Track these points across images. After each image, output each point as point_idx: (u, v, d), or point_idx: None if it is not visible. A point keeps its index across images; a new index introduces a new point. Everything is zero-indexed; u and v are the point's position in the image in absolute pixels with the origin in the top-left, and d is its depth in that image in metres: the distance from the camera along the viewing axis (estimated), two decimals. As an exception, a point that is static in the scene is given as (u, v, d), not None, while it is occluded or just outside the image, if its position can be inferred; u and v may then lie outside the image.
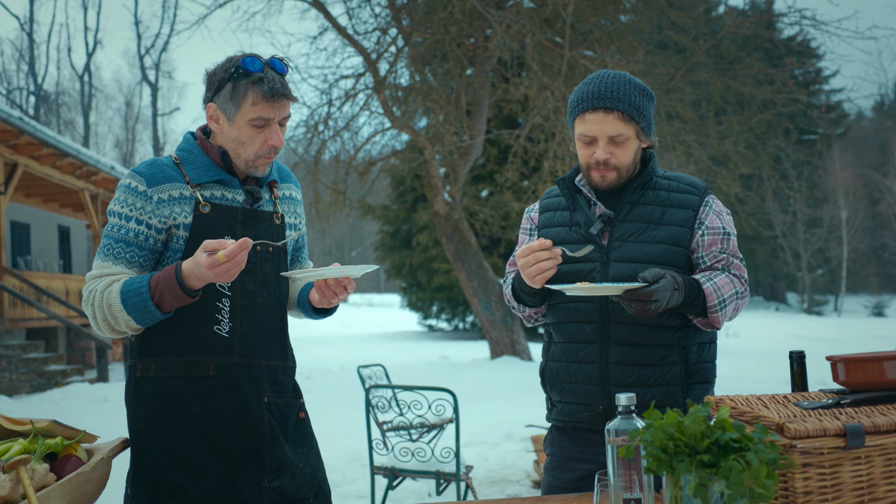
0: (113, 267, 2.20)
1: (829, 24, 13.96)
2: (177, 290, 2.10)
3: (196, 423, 2.20)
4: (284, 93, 2.21)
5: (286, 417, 2.33)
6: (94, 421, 9.28)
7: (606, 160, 2.30)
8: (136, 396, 2.24)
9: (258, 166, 2.27)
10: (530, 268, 2.22)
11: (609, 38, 14.01)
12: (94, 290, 2.18)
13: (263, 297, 2.30)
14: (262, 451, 2.25)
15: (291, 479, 2.29)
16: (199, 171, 2.26)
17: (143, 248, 2.21)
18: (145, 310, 2.12)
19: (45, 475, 1.78)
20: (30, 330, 16.09)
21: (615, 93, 2.27)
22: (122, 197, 2.22)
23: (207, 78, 2.27)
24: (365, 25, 14.70)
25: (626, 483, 1.60)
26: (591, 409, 2.35)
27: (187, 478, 2.18)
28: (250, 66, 2.18)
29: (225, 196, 2.28)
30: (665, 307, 2.17)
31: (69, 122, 46.64)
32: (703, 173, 14.89)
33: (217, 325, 2.23)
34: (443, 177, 14.95)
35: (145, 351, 2.24)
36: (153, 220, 2.20)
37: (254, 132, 2.22)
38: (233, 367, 2.23)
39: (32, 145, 14.62)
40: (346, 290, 2.30)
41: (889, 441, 1.52)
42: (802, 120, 27.98)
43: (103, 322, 2.18)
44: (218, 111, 2.24)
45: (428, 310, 28.91)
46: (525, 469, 6.65)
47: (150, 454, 2.20)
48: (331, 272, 2.19)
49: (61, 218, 22.43)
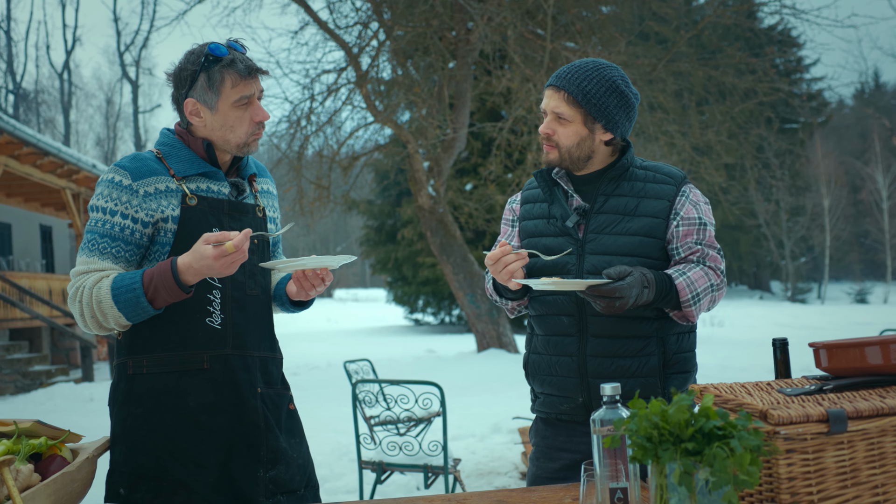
0: (99, 262, 2.17)
1: (809, 12, 14.05)
2: (172, 285, 2.09)
3: (194, 417, 2.19)
4: (257, 68, 2.25)
5: (278, 408, 2.34)
6: (79, 421, 9.23)
7: (548, 135, 2.35)
8: (129, 394, 2.22)
9: (250, 144, 2.29)
10: (500, 273, 2.23)
11: (591, 29, 14.01)
12: (83, 287, 2.15)
13: (252, 288, 2.31)
14: (257, 442, 2.25)
15: (286, 470, 2.30)
16: (183, 164, 2.26)
17: (130, 243, 2.19)
18: (137, 306, 2.10)
19: (30, 475, 1.77)
20: (13, 330, 15.97)
21: (572, 76, 2.31)
22: (105, 192, 2.19)
23: (174, 76, 2.27)
24: (346, 19, 14.66)
25: (612, 472, 1.61)
26: (572, 402, 2.36)
27: (189, 472, 2.17)
28: (218, 52, 2.20)
29: (210, 188, 2.28)
30: (634, 304, 2.17)
31: (49, 120, 46.26)
32: (686, 163, 14.93)
33: (209, 317, 2.22)
34: (427, 170, 14.93)
35: (136, 347, 2.22)
36: (140, 213, 2.18)
37: (240, 113, 2.24)
38: (226, 359, 2.23)
39: (12, 144, 14.49)
40: (324, 281, 2.31)
41: (871, 426, 1.54)
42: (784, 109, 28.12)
43: (91, 319, 2.15)
44: (198, 104, 2.24)
45: (414, 304, 28.92)
46: (513, 461, 6.67)
47: (149, 451, 2.18)
48: (310, 262, 2.19)
49: (43, 217, 22.26)
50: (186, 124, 2.31)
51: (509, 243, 2.30)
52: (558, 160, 2.37)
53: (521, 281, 2.19)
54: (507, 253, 2.22)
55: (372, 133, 17.46)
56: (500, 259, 2.23)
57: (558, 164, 2.37)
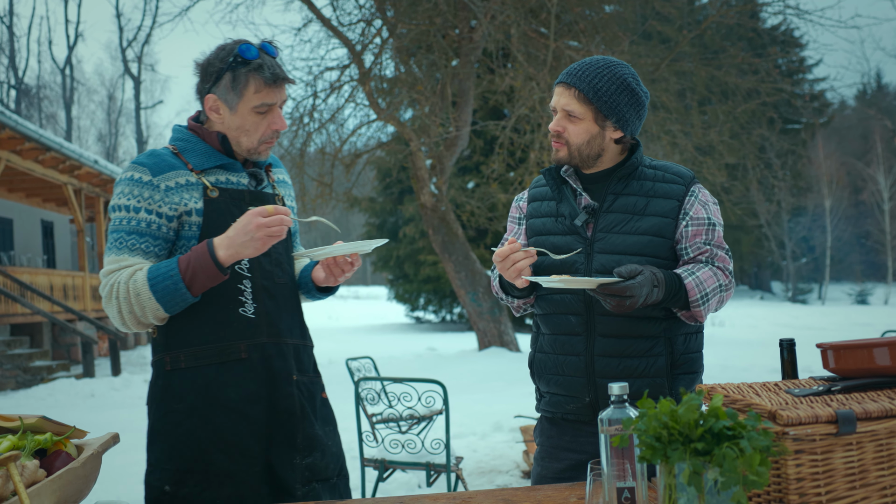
0: (129, 259, 2.17)
1: (812, 13, 14.04)
2: (210, 265, 2.09)
3: (236, 407, 2.20)
4: (284, 77, 2.23)
5: (313, 396, 2.35)
6: (81, 417, 9.24)
7: (558, 132, 2.34)
8: (168, 390, 2.22)
9: (261, 152, 2.29)
10: (507, 270, 2.23)
11: (594, 28, 13.99)
12: (117, 283, 2.14)
13: (280, 276, 2.32)
14: (293, 430, 2.26)
15: (322, 457, 2.31)
16: (200, 158, 2.26)
17: (157, 238, 2.19)
18: (176, 293, 2.11)
19: (35, 471, 1.76)
20: (14, 326, 15.97)
21: (582, 73, 2.30)
22: (126, 190, 2.19)
23: (201, 69, 2.25)
24: (349, 17, 14.64)
25: (619, 472, 1.61)
26: (578, 401, 2.35)
27: (235, 463, 2.18)
28: (247, 54, 2.18)
29: (230, 180, 2.28)
30: (643, 303, 2.16)
31: (51, 115, 46.27)
32: (689, 163, 14.92)
33: (241, 307, 2.23)
34: (429, 168, 14.92)
35: (172, 343, 2.22)
36: (163, 208, 2.18)
37: (257, 119, 2.24)
38: (263, 347, 2.24)
39: (14, 139, 14.49)
40: (353, 266, 2.32)
41: (880, 427, 1.53)
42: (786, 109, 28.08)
43: (129, 315, 2.15)
44: (218, 101, 2.23)
45: (415, 302, 28.92)
46: (514, 459, 6.66)
47: (193, 445, 2.18)
48: (343, 249, 2.21)
49: (45, 213, 22.27)
50: (204, 118, 2.31)
51: (518, 241, 2.29)
52: (567, 158, 2.36)
53: (531, 278, 2.18)
54: (515, 250, 2.21)
55: (374, 131, 17.47)
56: (509, 256, 2.22)
57: (567, 161, 2.36)
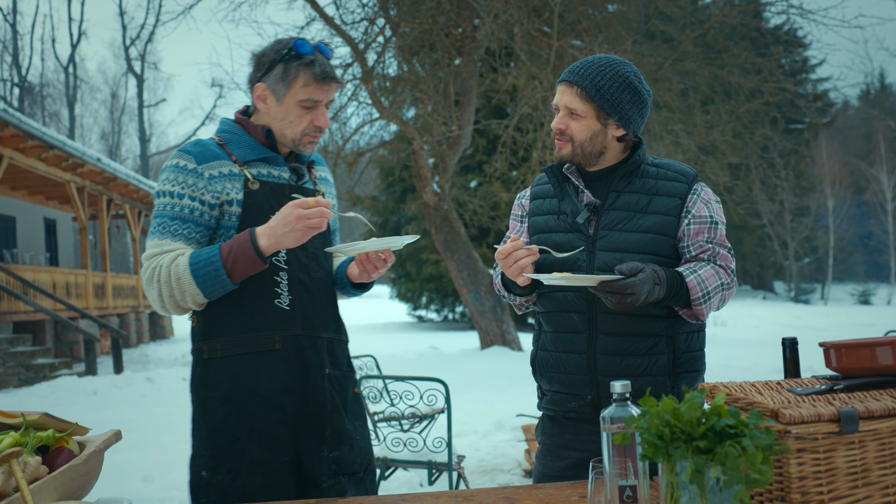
0: (171, 244, 2.22)
1: (815, 12, 14.01)
2: (251, 253, 2.14)
3: (269, 397, 2.24)
4: (334, 76, 2.29)
5: (344, 390, 2.39)
6: (83, 414, 9.25)
7: (561, 130, 2.34)
8: (205, 378, 2.27)
9: (304, 144, 2.34)
10: (510, 267, 2.24)
11: (597, 27, 13.99)
12: (159, 266, 2.19)
13: (316, 270, 2.36)
14: (323, 422, 2.30)
15: (349, 451, 2.34)
16: (244, 150, 2.31)
17: (199, 224, 2.24)
18: (216, 279, 2.15)
19: (38, 468, 1.76)
20: (17, 323, 16.00)
21: (584, 71, 2.31)
22: (171, 176, 2.25)
23: (256, 59, 2.32)
24: (352, 15, 14.64)
25: (621, 470, 1.61)
26: (580, 399, 2.34)
27: (266, 452, 2.22)
28: (301, 49, 2.25)
29: (271, 173, 2.33)
30: (644, 301, 2.16)
31: (54, 113, 46.30)
32: (691, 162, 14.91)
33: (277, 298, 2.27)
34: (431, 167, 14.92)
35: (209, 332, 2.27)
36: (206, 195, 2.23)
37: (301, 112, 2.29)
38: (297, 339, 2.28)
39: (17, 137, 14.50)
40: (386, 262, 2.35)
41: (882, 426, 1.53)
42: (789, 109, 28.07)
43: (169, 299, 2.20)
44: (266, 90, 2.29)
45: (417, 300, 28.92)
46: (516, 458, 6.66)
47: (227, 433, 2.23)
48: (375, 244, 2.22)
49: (47, 210, 22.30)
50: (252, 109, 2.36)
51: (519, 238, 2.29)
52: (570, 155, 2.36)
53: (532, 276, 2.18)
54: (518, 248, 2.22)
55: (377, 129, 17.46)
56: (511, 254, 2.22)
57: (570, 159, 2.36)
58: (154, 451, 7.12)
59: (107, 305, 19.93)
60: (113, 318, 20.13)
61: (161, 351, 19.39)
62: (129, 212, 21.93)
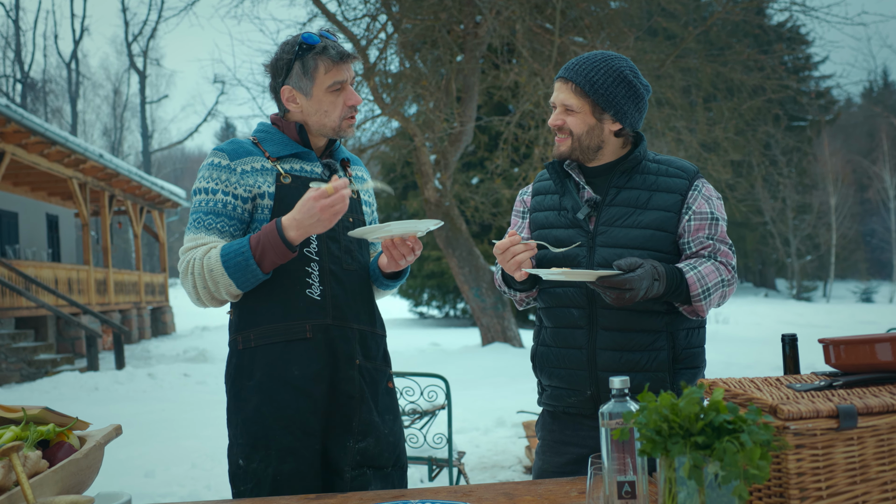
0: (206, 237, 2.28)
1: (818, 9, 13.98)
2: (278, 243, 2.18)
3: (299, 385, 2.28)
4: (349, 53, 2.34)
5: (376, 382, 2.41)
6: (84, 410, 9.26)
7: (559, 126, 2.36)
8: (240, 368, 2.32)
9: (345, 128, 2.38)
10: (507, 262, 2.24)
11: (599, 24, 13.97)
12: (193, 259, 2.26)
13: (349, 263, 2.39)
14: (350, 413, 2.32)
15: (376, 444, 2.36)
16: (277, 147, 2.37)
17: (232, 218, 2.31)
18: (247, 269, 2.20)
19: (38, 462, 1.77)
20: (19, 319, 16.01)
21: (579, 68, 2.32)
22: (206, 174, 2.33)
23: (271, 67, 2.37)
24: (354, 12, 14.63)
25: (619, 466, 1.61)
26: (580, 395, 2.35)
27: (297, 440, 2.26)
28: (311, 41, 2.30)
29: (304, 168, 2.39)
30: (643, 297, 2.17)
31: (56, 109, 46.32)
32: (693, 159, 14.89)
33: (309, 288, 2.31)
34: (433, 164, 14.91)
35: (243, 323, 2.33)
36: (238, 189, 2.30)
37: (334, 97, 2.34)
38: (327, 329, 2.31)
39: (20, 133, 14.51)
40: (413, 250, 2.37)
41: (881, 422, 1.53)
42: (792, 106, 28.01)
43: (203, 290, 2.25)
44: (293, 91, 2.34)
45: (419, 297, 28.92)
46: (517, 455, 6.67)
47: (260, 421, 2.28)
48: (395, 227, 2.24)
49: (50, 206, 22.31)
50: (284, 112, 2.41)
51: (519, 234, 2.29)
52: (569, 151, 2.37)
53: (530, 270, 2.19)
54: (515, 243, 2.23)
55: (379, 126, 17.44)
56: (509, 249, 2.23)
57: (568, 155, 2.37)
58: (155, 447, 7.13)
59: (108, 301, 19.96)
60: (115, 314, 20.15)
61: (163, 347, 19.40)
62: (131, 208, 21.94)
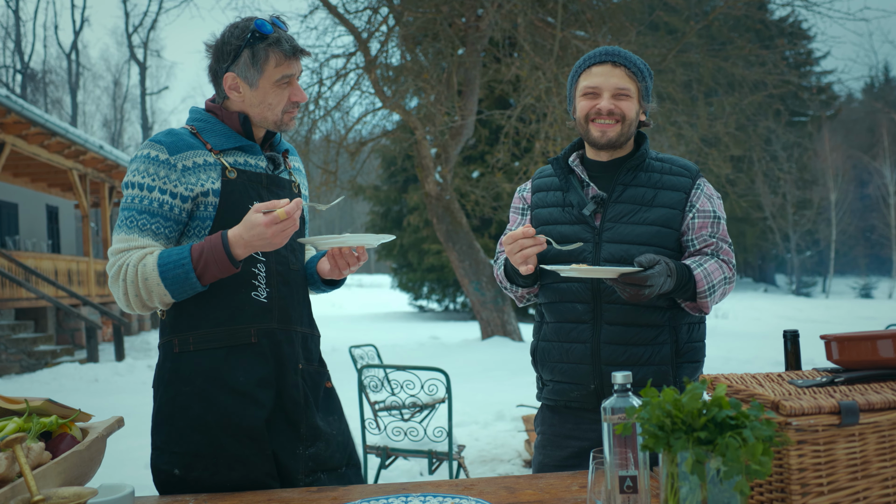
0: (139, 239, 2.14)
1: (820, 4, 13.96)
2: (223, 259, 2.07)
3: (245, 391, 2.17)
4: (301, 48, 2.25)
5: (317, 385, 2.33)
6: (84, 401, 9.27)
7: (611, 110, 2.32)
8: (176, 372, 2.20)
9: (286, 122, 2.28)
10: (515, 255, 2.23)
11: (601, 18, 13.94)
12: (126, 265, 2.12)
13: (294, 262, 2.31)
14: (297, 419, 2.23)
15: (326, 447, 2.29)
16: (219, 139, 2.24)
17: (169, 219, 2.15)
18: (186, 282, 2.09)
19: (41, 453, 1.77)
20: (19, 310, 16.02)
21: (622, 53, 2.36)
22: (141, 167, 2.16)
23: (216, 49, 2.24)
24: (356, 4, 14.60)
25: (621, 461, 1.61)
26: (583, 389, 2.36)
27: (245, 447, 2.16)
28: (264, 30, 2.19)
29: (248, 162, 2.27)
30: (657, 293, 2.19)
31: (56, 100, 46.24)
32: (694, 154, 14.89)
33: (255, 290, 2.20)
34: (434, 157, 14.90)
35: (182, 325, 2.19)
36: (179, 188, 2.15)
37: (280, 91, 2.23)
38: (272, 333, 2.21)
39: (20, 124, 14.50)
40: (359, 260, 2.29)
41: (882, 418, 1.53)
42: (793, 101, 28.03)
43: (135, 298, 2.13)
44: (238, 79, 2.22)
45: (419, 290, 28.95)
46: (516, 448, 6.68)
47: (203, 429, 2.16)
48: (350, 240, 2.18)
49: (49, 198, 22.30)
50: (223, 98, 2.28)
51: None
52: (617, 136, 2.36)
53: (549, 267, 2.19)
54: (529, 235, 2.20)
55: (380, 119, 17.44)
56: (519, 240, 2.21)
57: (616, 139, 2.36)
58: (155, 439, 7.13)
59: (108, 293, 19.96)
60: (114, 306, 20.14)
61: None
62: (131, 200, 21.88)
